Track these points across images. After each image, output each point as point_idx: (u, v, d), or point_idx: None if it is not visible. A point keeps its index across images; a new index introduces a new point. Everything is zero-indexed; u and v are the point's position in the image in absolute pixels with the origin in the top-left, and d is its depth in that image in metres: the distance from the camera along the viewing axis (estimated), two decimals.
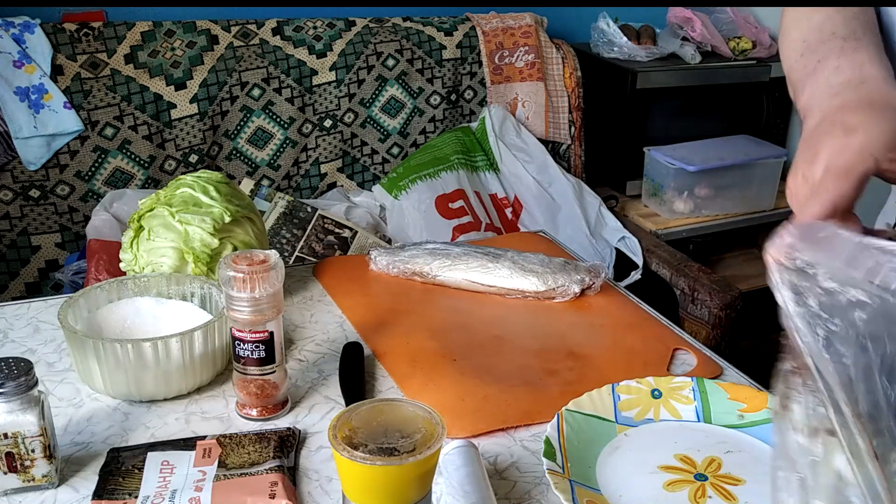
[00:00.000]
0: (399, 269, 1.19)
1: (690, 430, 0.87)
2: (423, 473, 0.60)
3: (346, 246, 2.00)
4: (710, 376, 0.97)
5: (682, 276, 2.16)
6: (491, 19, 2.35)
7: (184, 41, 2.00)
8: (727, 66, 2.51)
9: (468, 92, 2.36)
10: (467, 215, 2.14)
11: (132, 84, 1.95)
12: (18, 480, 0.76)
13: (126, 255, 1.07)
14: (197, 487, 0.75)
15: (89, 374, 0.90)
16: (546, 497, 0.78)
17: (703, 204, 2.41)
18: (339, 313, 1.12)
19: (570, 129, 2.42)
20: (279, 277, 0.84)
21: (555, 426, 0.82)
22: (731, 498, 0.77)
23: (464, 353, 1.00)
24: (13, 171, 1.86)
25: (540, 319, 1.11)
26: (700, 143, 2.46)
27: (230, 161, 2.10)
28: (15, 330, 1.05)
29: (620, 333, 1.08)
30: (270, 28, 2.10)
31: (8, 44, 1.83)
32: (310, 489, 0.78)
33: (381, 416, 0.62)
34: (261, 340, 0.84)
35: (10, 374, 0.73)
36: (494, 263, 1.16)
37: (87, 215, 1.91)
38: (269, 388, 0.87)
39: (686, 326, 2.10)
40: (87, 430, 0.86)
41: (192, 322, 0.93)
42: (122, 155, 1.96)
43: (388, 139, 2.28)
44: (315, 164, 2.20)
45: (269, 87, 2.09)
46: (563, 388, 0.93)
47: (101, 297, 0.99)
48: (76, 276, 1.82)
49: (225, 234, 1.06)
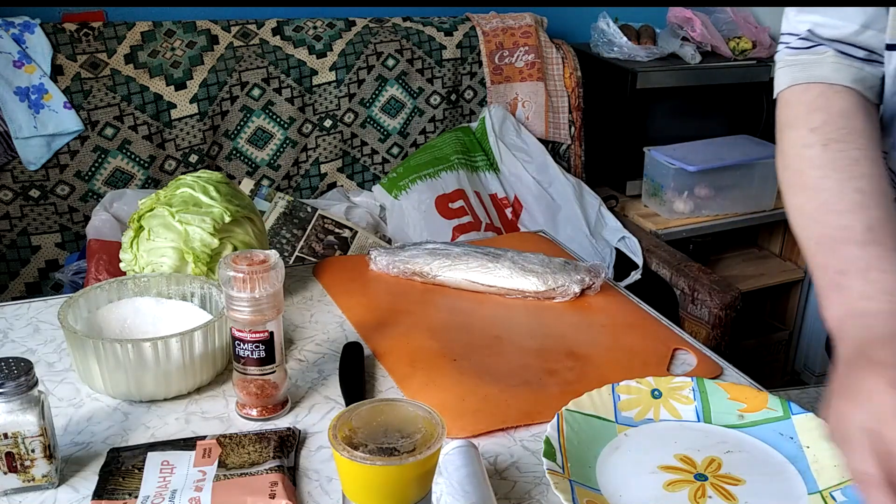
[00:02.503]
0: (399, 269, 1.19)
1: (690, 430, 0.87)
2: (423, 473, 0.60)
3: (346, 246, 2.00)
4: (710, 376, 0.97)
5: (682, 276, 2.16)
6: (491, 19, 2.35)
7: (184, 41, 2.00)
8: (727, 66, 2.51)
9: (468, 92, 2.36)
10: (467, 215, 2.14)
11: (132, 84, 1.95)
12: (18, 480, 0.76)
13: (126, 255, 1.07)
14: (197, 487, 0.75)
15: (89, 374, 0.90)
16: (546, 497, 0.78)
17: (703, 204, 2.41)
18: (339, 313, 1.12)
19: (570, 129, 2.42)
20: (279, 277, 0.84)
21: (555, 426, 0.82)
22: (731, 498, 0.77)
23: (464, 353, 1.00)
24: (13, 171, 1.86)
25: (540, 319, 1.11)
26: (700, 143, 2.46)
27: (230, 161, 2.10)
28: (15, 330, 1.05)
29: (620, 333, 1.08)
30: (270, 28, 2.10)
31: (8, 44, 1.83)
32: (310, 489, 0.78)
33: (381, 416, 0.62)
34: (261, 340, 0.84)
35: (10, 374, 0.73)
36: (494, 263, 1.16)
37: (87, 215, 1.91)
38: (269, 388, 0.87)
39: (686, 326, 2.11)
40: (87, 430, 0.86)
41: (192, 322, 0.93)
42: (122, 155, 1.96)
43: (388, 139, 2.28)
44: (315, 164, 2.20)
45: (269, 87, 2.09)
46: (563, 388, 0.93)
47: (101, 297, 0.99)
48: (76, 276, 1.82)
49: (225, 234, 1.06)
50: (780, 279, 2.57)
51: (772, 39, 2.57)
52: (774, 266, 2.63)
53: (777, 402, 0.88)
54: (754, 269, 2.55)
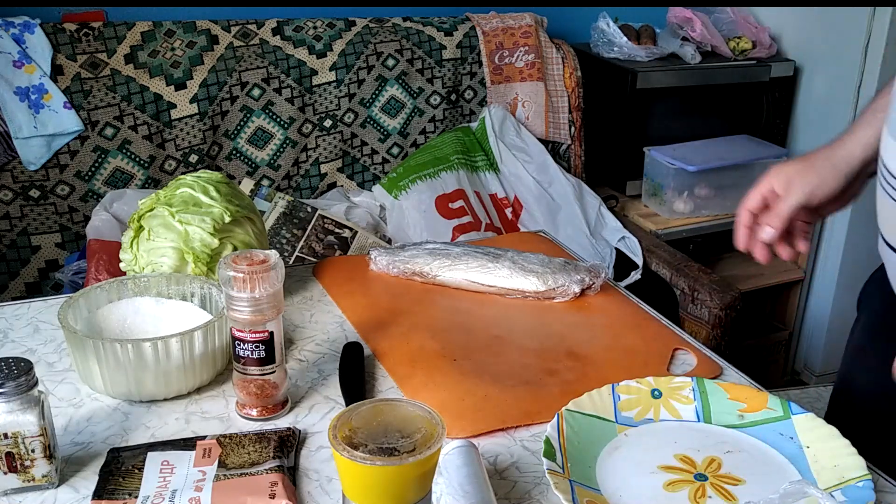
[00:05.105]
0: (399, 269, 1.19)
1: (690, 430, 0.87)
2: (423, 473, 0.60)
3: (346, 246, 2.00)
4: (710, 376, 0.97)
5: (682, 276, 2.16)
6: (491, 19, 2.35)
7: (184, 41, 2.00)
8: (727, 66, 2.51)
9: (468, 92, 2.36)
10: (467, 215, 2.14)
11: (132, 84, 1.95)
12: (18, 480, 0.76)
13: (126, 255, 1.07)
14: (197, 487, 0.75)
15: (89, 374, 0.90)
16: (546, 497, 0.78)
17: (703, 204, 2.41)
18: (339, 313, 1.12)
19: (570, 129, 2.42)
20: (279, 277, 0.84)
21: (555, 426, 0.82)
22: (730, 498, 0.77)
23: (464, 353, 1.00)
24: (13, 171, 1.86)
25: (540, 319, 1.11)
26: (700, 143, 2.46)
27: (230, 161, 2.10)
28: (15, 330, 1.05)
29: (620, 333, 1.08)
30: (270, 28, 2.10)
31: (8, 44, 1.83)
32: (310, 489, 0.78)
33: (381, 416, 0.62)
34: (261, 340, 0.84)
35: (10, 374, 0.73)
36: (494, 263, 1.16)
37: (87, 215, 1.91)
38: (269, 388, 0.87)
39: (686, 326, 2.11)
40: (87, 430, 0.86)
41: (192, 322, 0.93)
42: (122, 155, 1.96)
43: (388, 139, 2.28)
44: (315, 164, 2.20)
45: (269, 87, 2.09)
46: (563, 388, 0.93)
47: (101, 297, 0.99)
48: (76, 276, 1.82)
49: (225, 234, 1.06)
50: (780, 279, 2.57)
51: (772, 39, 2.57)
52: (774, 266, 2.63)
53: (777, 402, 0.88)
54: (754, 269, 2.55)
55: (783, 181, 0.99)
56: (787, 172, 1.00)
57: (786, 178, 0.99)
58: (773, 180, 1.00)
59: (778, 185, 0.99)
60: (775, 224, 0.99)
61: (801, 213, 1.00)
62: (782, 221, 0.99)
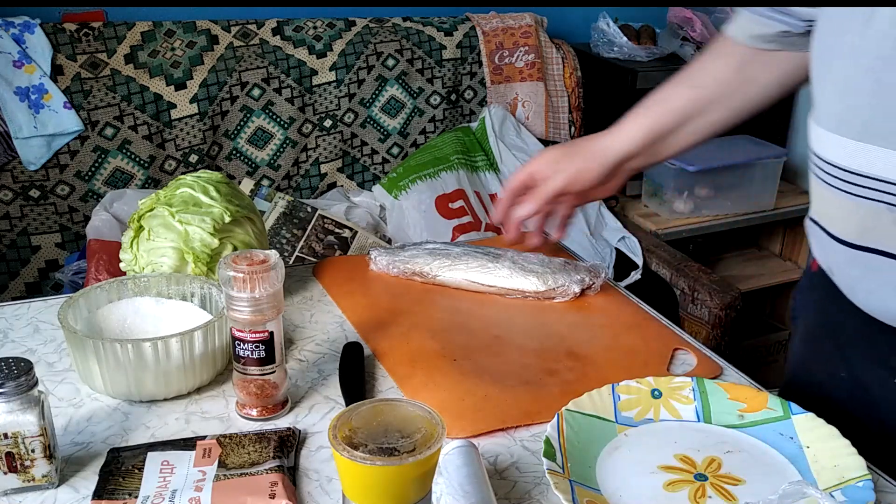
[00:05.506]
0: (399, 269, 1.19)
1: (690, 430, 0.87)
2: (423, 473, 0.60)
3: (346, 246, 2.00)
4: (710, 376, 0.97)
5: (682, 276, 2.16)
6: (491, 19, 2.35)
7: (184, 41, 2.00)
8: None
9: (468, 92, 2.36)
10: (467, 215, 2.14)
11: (132, 84, 1.95)
12: (18, 480, 0.76)
13: (126, 255, 1.07)
14: (197, 487, 0.75)
15: (89, 374, 0.90)
16: (546, 497, 0.78)
17: (703, 204, 2.41)
18: (339, 313, 1.12)
19: (570, 129, 2.42)
20: (279, 277, 0.84)
21: (555, 426, 0.82)
22: (731, 498, 0.77)
23: (464, 353, 1.00)
24: (13, 171, 1.86)
25: (540, 319, 1.11)
26: None
27: (230, 161, 2.10)
28: (15, 330, 1.05)
29: (620, 333, 1.08)
30: (270, 28, 2.10)
31: (8, 44, 1.83)
32: (310, 489, 0.78)
33: (381, 416, 0.62)
34: (261, 340, 0.84)
35: (10, 374, 0.73)
36: (494, 263, 1.16)
37: (87, 215, 1.91)
38: (269, 388, 0.87)
39: (686, 326, 2.11)
40: (87, 430, 0.86)
41: (192, 322, 0.93)
42: (122, 155, 1.96)
43: (388, 139, 2.28)
44: (315, 164, 2.20)
45: (269, 87, 2.09)
46: (563, 388, 0.93)
47: (101, 297, 0.99)
48: (76, 276, 1.82)
49: (225, 234, 1.06)
50: (780, 279, 2.57)
51: None
52: (774, 266, 2.63)
53: (777, 402, 0.88)
54: (754, 269, 2.56)
55: (546, 165, 1.03)
56: (551, 157, 1.03)
57: (548, 162, 1.03)
58: (537, 164, 1.04)
59: (541, 169, 1.03)
60: (534, 205, 1.04)
61: (569, 197, 1.04)
62: (539, 203, 1.03)
